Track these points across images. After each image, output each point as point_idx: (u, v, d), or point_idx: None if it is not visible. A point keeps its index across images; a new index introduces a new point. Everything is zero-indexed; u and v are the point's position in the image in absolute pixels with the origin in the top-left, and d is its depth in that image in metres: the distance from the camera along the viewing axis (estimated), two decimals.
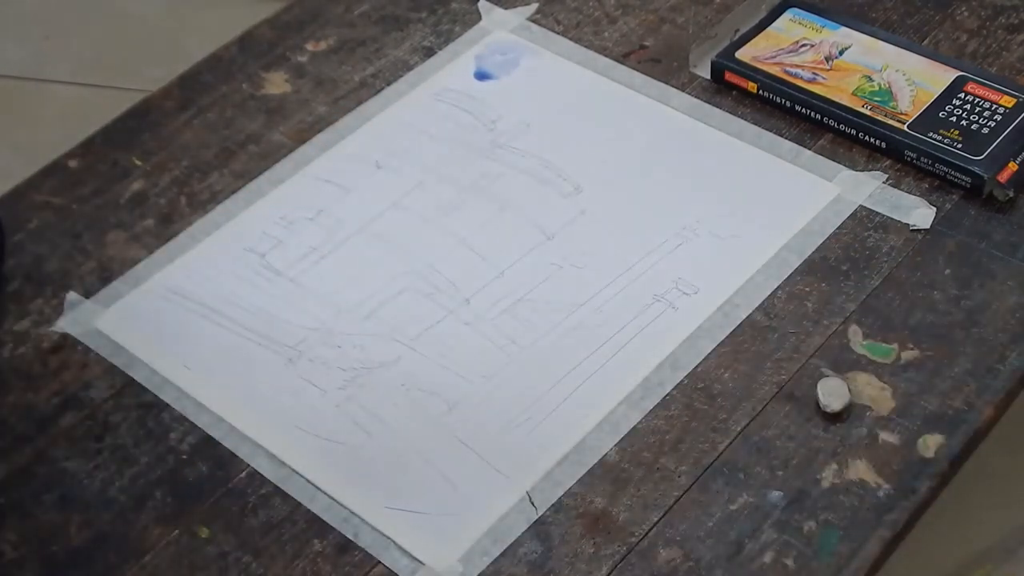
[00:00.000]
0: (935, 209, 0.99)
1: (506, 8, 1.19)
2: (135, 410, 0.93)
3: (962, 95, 1.05)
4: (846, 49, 1.10)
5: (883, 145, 1.03)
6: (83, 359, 0.97)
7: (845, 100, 1.05)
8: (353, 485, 0.87)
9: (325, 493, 0.87)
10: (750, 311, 0.94)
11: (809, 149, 1.05)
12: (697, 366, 0.91)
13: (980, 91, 1.04)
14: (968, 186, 1.00)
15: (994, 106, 1.03)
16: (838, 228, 0.99)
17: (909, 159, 1.02)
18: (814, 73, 1.08)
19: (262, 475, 0.88)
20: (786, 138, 1.06)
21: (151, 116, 1.14)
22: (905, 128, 1.02)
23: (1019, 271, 0.95)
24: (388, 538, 0.84)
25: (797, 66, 1.08)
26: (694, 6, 1.18)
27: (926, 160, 1.01)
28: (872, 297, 0.95)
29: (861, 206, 1.00)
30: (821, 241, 0.98)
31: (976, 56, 1.11)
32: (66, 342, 0.98)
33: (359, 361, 0.94)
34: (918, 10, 1.15)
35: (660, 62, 1.13)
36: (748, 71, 1.09)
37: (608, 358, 0.92)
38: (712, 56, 1.11)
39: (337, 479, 0.87)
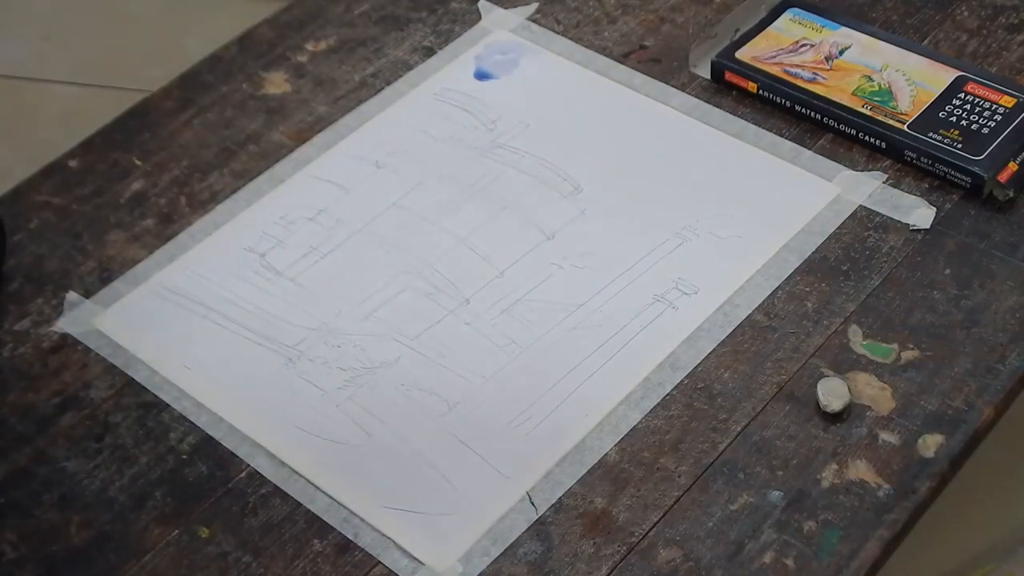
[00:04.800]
0: (935, 209, 0.99)
1: (506, 8, 1.19)
2: (135, 410, 0.93)
3: (962, 95, 1.05)
4: (846, 49, 1.10)
5: (883, 145, 1.03)
6: (83, 359, 0.97)
7: (845, 100, 1.05)
8: (353, 485, 0.87)
9: (325, 493, 0.87)
10: (750, 311, 0.94)
11: (809, 149, 1.05)
12: (697, 366, 0.91)
13: (980, 91, 1.04)
14: (968, 186, 1.00)
15: (994, 106, 1.03)
16: (838, 228, 0.99)
17: (909, 159, 1.02)
18: (814, 73, 1.08)
19: (262, 475, 0.88)
20: (786, 138, 1.06)
21: (151, 116, 1.14)
22: (905, 128, 1.02)
23: (1019, 271, 0.95)
24: (388, 538, 0.84)
25: (797, 66, 1.08)
26: (694, 6, 1.18)
27: (926, 160, 1.01)
28: (872, 297, 0.95)
29: (861, 206, 1.00)
30: (821, 241, 0.98)
31: (976, 56, 1.11)
32: (66, 342, 0.98)
33: (359, 361, 0.94)
34: (918, 10, 1.15)
35: (660, 62, 1.13)
36: (748, 71, 1.08)
37: (608, 358, 0.92)
38: (712, 56, 1.11)
39: (337, 479, 0.87)
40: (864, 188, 1.01)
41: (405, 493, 0.86)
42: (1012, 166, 1.00)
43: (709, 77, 1.11)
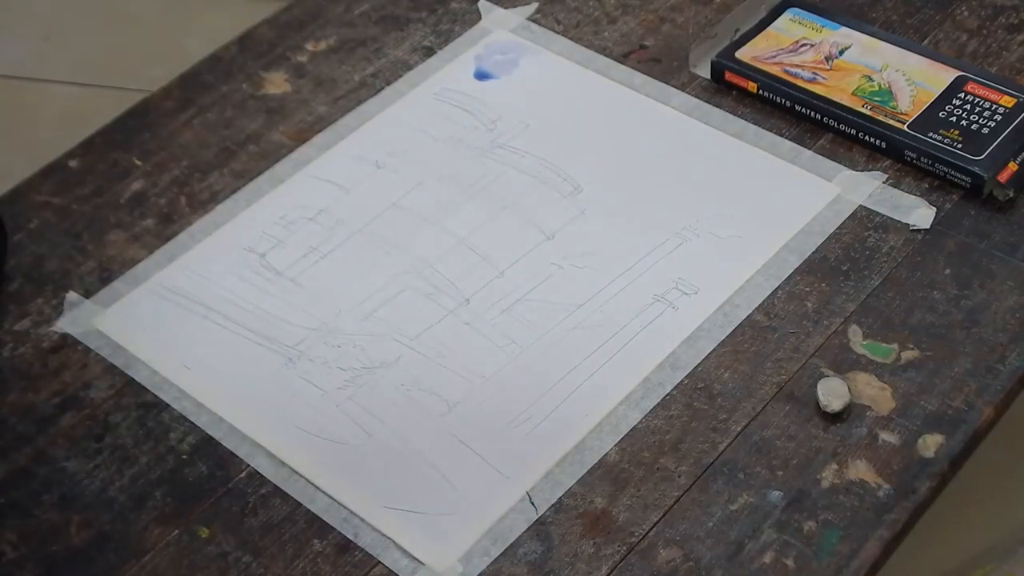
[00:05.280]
0: (935, 209, 0.99)
1: (506, 8, 1.19)
2: (135, 410, 0.93)
3: (962, 95, 1.05)
4: (846, 49, 1.10)
5: (883, 145, 1.03)
6: (83, 359, 0.97)
7: (845, 100, 1.05)
8: (353, 485, 0.87)
9: (325, 493, 0.87)
10: (750, 311, 0.94)
11: (809, 149, 1.05)
12: (697, 366, 0.91)
13: (980, 91, 1.04)
14: (968, 186, 1.00)
15: (994, 106, 1.03)
16: (838, 228, 0.99)
17: (909, 159, 1.02)
18: (814, 73, 1.08)
19: (262, 475, 0.88)
20: (786, 138, 1.06)
21: (151, 116, 1.14)
22: (905, 128, 1.02)
23: (1019, 271, 0.95)
24: (388, 538, 0.84)
25: (797, 66, 1.08)
26: (694, 6, 1.18)
27: (926, 160, 1.01)
28: (872, 297, 0.95)
29: (861, 206, 1.00)
30: (821, 241, 0.98)
31: (976, 56, 1.11)
32: (66, 342, 0.98)
33: (359, 361, 0.94)
34: (918, 10, 1.15)
35: (660, 62, 1.13)
36: (748, 71, 1.08)
37: (608, 358, 0.92)
38: (712, 56, 1.11)
39: (337, 479, 0.87)
40: (864, 188, 1.01)
41: (405, 493, 0.86)
42: (1012, 166, 1.00)
43: (709, 77, 1.11)
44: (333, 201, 1.05)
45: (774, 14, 1.13)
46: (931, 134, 1.02)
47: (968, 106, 1.03)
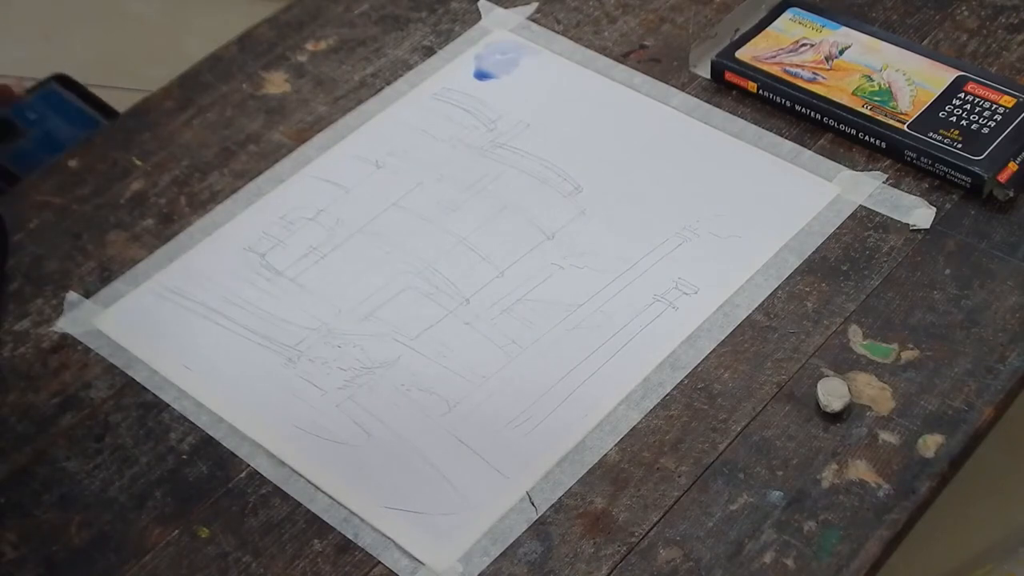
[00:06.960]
0: (935, 209, 0.99)
1: (506, 7, 1.19)
2: (135, 410, 0.93)
3: (962, 95, 1.04)
4: (846, 49, 1.10)
5: (883, 145, 1.03)
6: (83, 359, 0.97)
7: (845, 100, 1.05)
8: (353, 485, 0.87)
9: (325, 493, 0.87)
10: (750, 311, 0.94)
11: (809, 149, 1.05)
12: (697, 366, 0.91)
13: (980, 91, 1.04)
14: (968, 186, 1.00)
15: (994, 106, 1.03)
16: (838, 228, 0.99)
17: (909, 159, 1.02)
18: (814, 73, 1.08)
19: (262, 475, 0.88)
20: (786, 138, 1.06)
21: (151, 116, 1.15)
22: (905, 128, 1.02)
23: (1019, 271, 0.95)
24: (388, 538, 0.84)
25: (797, 66, 1.08)
26: (694, 6, 1.18)
27: (926, 160, 1.01)
28: (872, 297, 0.95)
29: (861, 206, 1.00)
30: (821, 241, 0.98)
31: (976, 56, 1.11)
32: (66, 342, 0.98)
33: (359, 361, 0.94)
34: (918, 10, 1.15)
35: (660, 62, 1.13)
36: (748, 71, 1.08)
37: (608, 358, 0.92)
38: (712, 56, 1.11)
39: (337, 479, 0.87)
40: (864, 188, 1.01)
41: (405, 493, 0.86)
42: (1012, 166, 1.00)
43: (709, 77, 1.11)
44: (333, 201, 1.05)
45: (774, 14, 1.13)
46: (931, 134, 1.02)
47: (968, 106, 1.03)
